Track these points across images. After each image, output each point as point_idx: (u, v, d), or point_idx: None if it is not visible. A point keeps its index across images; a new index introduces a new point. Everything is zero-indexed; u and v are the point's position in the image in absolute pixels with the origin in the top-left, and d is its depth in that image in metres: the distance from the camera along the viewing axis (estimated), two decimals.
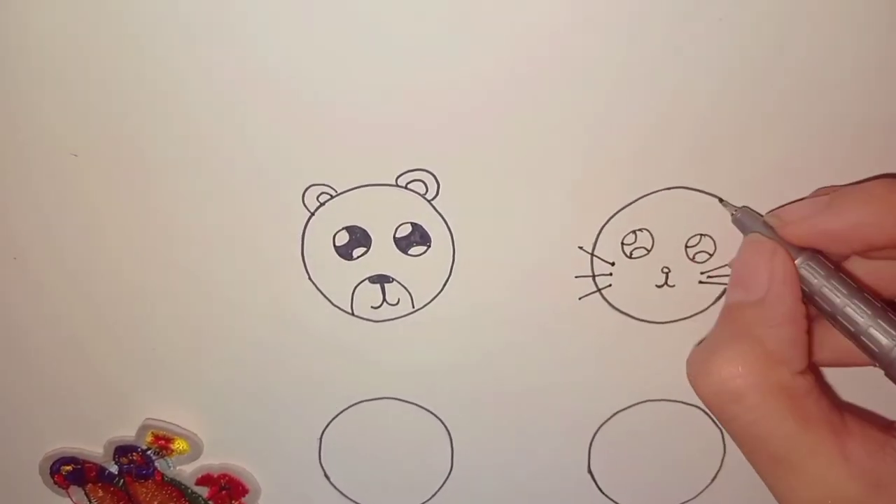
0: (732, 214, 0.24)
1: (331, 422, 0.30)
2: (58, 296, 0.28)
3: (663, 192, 0.25)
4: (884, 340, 0.21)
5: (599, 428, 0.31)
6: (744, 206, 0.25)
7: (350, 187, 0.25)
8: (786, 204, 0.25)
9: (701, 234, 0.26)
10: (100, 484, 0.32)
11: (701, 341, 0.27)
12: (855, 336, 0.22)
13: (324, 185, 0.25)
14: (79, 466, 0.32)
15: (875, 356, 0.22)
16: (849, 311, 0.22)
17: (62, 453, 0.31)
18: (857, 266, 0.24)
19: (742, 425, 0.22)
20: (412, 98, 0.24)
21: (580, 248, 0.27)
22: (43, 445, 0.32)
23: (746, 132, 0.24)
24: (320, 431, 0.31)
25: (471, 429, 0.31)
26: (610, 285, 0.27)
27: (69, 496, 0.33)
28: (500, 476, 0.32)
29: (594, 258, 0.27)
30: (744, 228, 0.24)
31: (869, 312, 0.21)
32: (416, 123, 0.24)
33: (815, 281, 0.22)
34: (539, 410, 0.30)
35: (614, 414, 0.30)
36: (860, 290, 0.22)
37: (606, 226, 0.26)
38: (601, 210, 0.26)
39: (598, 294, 0.27)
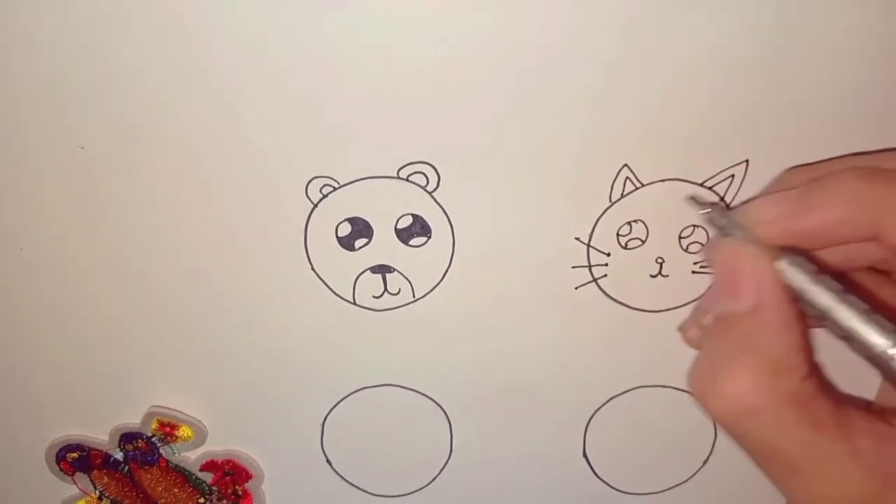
0: (705, 213, 0.24)
1: (333, 408, 0.31)
2: (63, 286, 0.28)
3: (658, 183, 0.26)
4: (878, 340, 0.20)
5: (594, 413, 0.31)
6: (715, 204, 0.24)
7: (352, 179, 0.26)
8: (752, 198, 0.24)
9: (694, 226, 0.27)
10: (105, 471, 0.33)
11: (698, 357, 0.25)
12: (847, 337, 0.21)
13: (327, 177, 0.26)
14: (84, 453, 0.32)
15: (869, 357, 0.21)
16: (837, 313, 0.21)
17: (68, 441, 0.32)
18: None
19: (756, 440, 0.21)
20: (413, 92, 0.24)
21: (577, 238, 0.27)
22: (49, 433, 0.32)
23: (738, 124, 0.25)
24: (322, 418, 0.31)
25: (469, 415, 0.31)
26: (606, 275, 0.28)
27: (75, 483, 0.33)
28: (498, 460, 0.33)
29: (590, 249, 0.27)
30: (717, 228, 0.23)
31: (858, 313, 0.21)
32: (418, 117, 0.25)
33: (800, 283, 0.21)
34: (535, 397, 0.31)
35: (609, 400, 0.31)
36: (846, 289, 0.21)
37: (602, 217, 0.27)
38: (597, 201, 0.27)
39: (594, 284, 0.28)
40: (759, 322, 0.21)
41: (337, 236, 0.27)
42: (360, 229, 0.27)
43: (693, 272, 0.28)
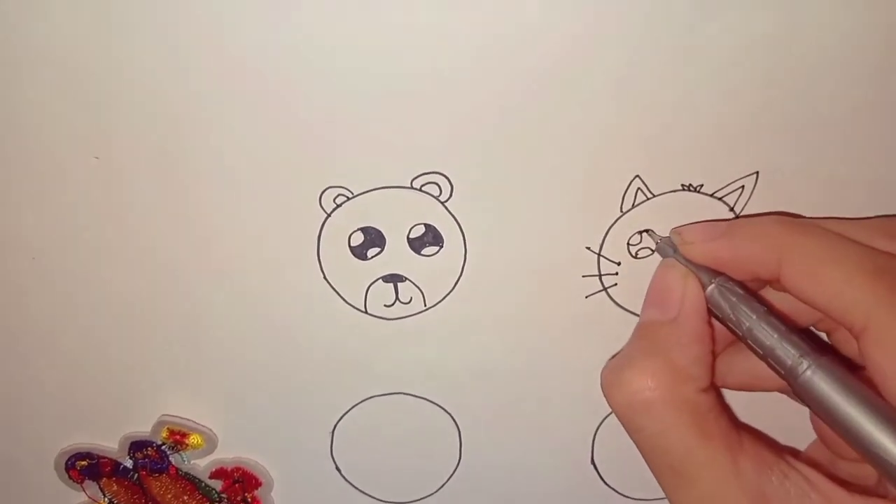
0: (657, 244, 0.26)
1: (343, 416, 0.31)
2: (75, 295, 0.29)
3: (669, 194, 0.26)
4: (788, 361, 0.22)
5: (602, 421, 0.32)
6: (666, 237, 0.26)
7: (366, 189, 0.26)
8: (693, 223, 0.26)
9: None
10: (114, 478, 0.33)
11: (615, 354, 0.28)
12: (763, 358, 0.23)
13: (340, 187, 0.26)
14: (94, 461, 0.32)
15: (781, 376, 0.22)
16: (756, 333, 0.23)
17: (77, 449, 0.32)
18: (774, 295, 0.25)
19: (647, 436, 0.23)
20: (427, 103, 0.24)
21: (587, 248, 0.27)
22: (59, 441, 0.32)
23: (749, 136, 0.25)
24: (332, 425, 0.31)
25: (479, 422, 0.32)
26: (616, 284, 0.28)
27: (84, 490, 0.33)
28: (506, 467, 0.33)
29: (601, 258, 0.28)
30: (663, 254, 0.26)
31: (775, 335, 0.22)
32: (431, 128, 0.25)
33: (726, 305, 0.23)
34: (545, 404, 0.31)
35: None
36: (767, 313, 0.23)
37: (613, 227, 0.27)
38: (608, 212, 0.27)
39: (604, 293, 0.28)
40: (673, 331, 0.24)
41: (349, 245, 0.27)
42: (373, 239, 0.27)
43: None
